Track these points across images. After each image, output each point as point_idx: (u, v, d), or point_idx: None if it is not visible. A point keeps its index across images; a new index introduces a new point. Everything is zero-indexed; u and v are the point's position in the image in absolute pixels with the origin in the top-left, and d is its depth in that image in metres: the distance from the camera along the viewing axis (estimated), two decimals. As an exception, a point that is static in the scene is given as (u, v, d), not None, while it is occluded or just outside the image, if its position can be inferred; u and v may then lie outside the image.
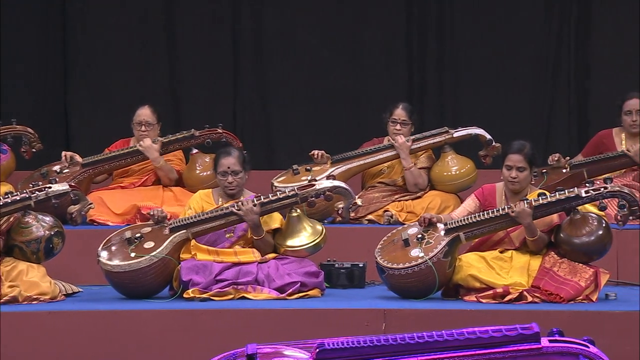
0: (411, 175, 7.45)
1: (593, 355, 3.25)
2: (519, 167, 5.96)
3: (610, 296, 5.93)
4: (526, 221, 5.80)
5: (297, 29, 9.44)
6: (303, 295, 6.00)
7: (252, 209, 5.99)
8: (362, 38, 9.42)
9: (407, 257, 5.89)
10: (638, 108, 7.46)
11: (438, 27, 9.36)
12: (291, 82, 9.47)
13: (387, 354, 3.37)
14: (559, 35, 9.22)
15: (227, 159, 6.17)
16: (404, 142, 7.45)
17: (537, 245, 5.89)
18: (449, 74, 9.38)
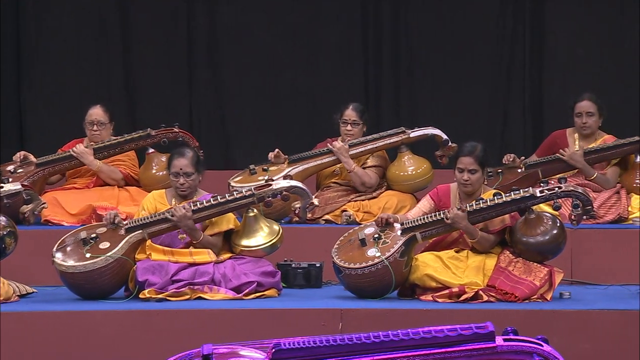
0: (356, 176, 7.47)
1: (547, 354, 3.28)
2: (471, 169, 5.99)
3: (564, 295, 5.98)
4: (462, 225, 5.84)
5: (252, 27, 9.42)
6: (260, 295, 6.00)
7: (185, 215, 5.97)
8: (318, 37, 9.42)
9: (363, 257, 5.91)
10: (588, 110, 7.52)
11: (394, 26, 9.38)
12: (248, 81, 9.44)
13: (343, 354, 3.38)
14: (514, 35, 9.28)
15: (180, 160, 6.14)
16: (341, 146, 7.47)
17: (482, 246, 5.93)
18: (405, 74, 9.41)
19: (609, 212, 7.25)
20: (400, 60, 9.42)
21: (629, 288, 6.32)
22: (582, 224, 6.10)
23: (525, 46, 9.28)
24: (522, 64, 9.28)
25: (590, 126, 7.52)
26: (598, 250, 6.81)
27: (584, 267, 6.73)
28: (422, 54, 9.39)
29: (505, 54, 9.31)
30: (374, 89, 9.43)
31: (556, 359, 3.30)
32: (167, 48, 9.45)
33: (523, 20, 9.27)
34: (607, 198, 7.30)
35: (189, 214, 5.97)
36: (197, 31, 9.45)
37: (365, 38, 9.43)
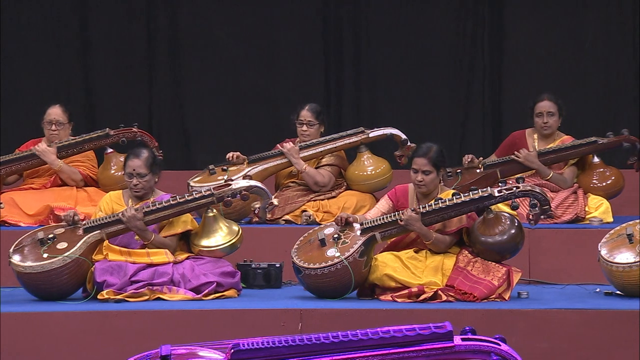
0: (307, 176, 7.47)
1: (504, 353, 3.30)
2: (425, 170, 6.01)
3: (522, 294, 6.02)
4: (415, 226, 5.86)
5: (212, 27, 9.40)
6: (219, 295, 5.98)
7: (134, 216, 5.95)
8: (277, 37, 9.42)
9: (323, 257, 5.91)
10: (549, 110, 7.58)
11: (354, 27, 9.40)
12: (207, 81, 9.42)
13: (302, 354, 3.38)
14: (473, 37, 9.33)
15: (134, 161, 6.12)
16: (291, 147, 7.48)
17: (437, 247, 5.96)
18: (365, 74, 9.43)
19: (567, 212, 7.31)
20: (360, 60, 9.43)
21: (586, 287, 6.37)
22: (539, 224, 6.13)
23: (484, 47, 9.33)
24: (481, 65, 9.34)
25: (550, 126, 7.58)
26: (555, 250, 6.87)
27: (541, 266, 6.78)
28: (381, 55, 9.41)
29: (464, 56, 9.35)
30: (334, 90, 9.44)
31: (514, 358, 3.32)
32: (126, 48, 9.40)
33: (482, 22, 9.32)
34: (564, 198, 7.36)
35: (139, 215, 5.95)
36: (157, 32, 9.41)
37: (326, 39, 9.43)
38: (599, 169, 7.53)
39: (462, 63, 9.36)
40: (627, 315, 5.53)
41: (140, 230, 5.99)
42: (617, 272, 5.90)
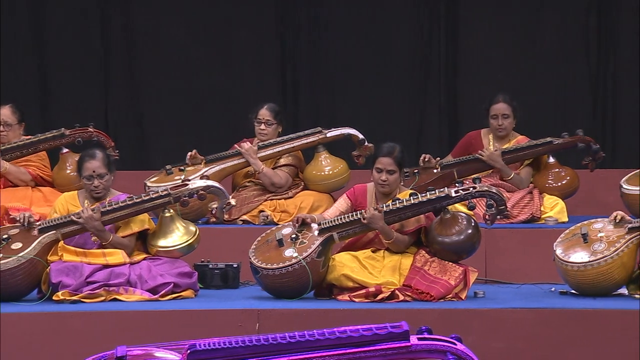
0: (265, 177, 7.47)
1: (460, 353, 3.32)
2: (389, 170, 6.03)
3: (478, 294, 6.05)
4: (378, 225, 5.88)
5: (167, 27, 9.36)
6: (176, 296, 5.96)
7: (92, 216, 5.92)
8: (233, 37, 9.40)
9: (281, 257, 5.91)
10: (504, 112, 7.62)
11: (310, 26, 9.41)
12: (164, 81, 9.38)
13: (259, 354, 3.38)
14: (429, 36, 9.37)
15: (92, 163, 6.08)
16: (249, 147, 7.48)
17: (397, 247, 5.98)
18: (321, 74, 9.44)
19: (522, 212, 7.36)
20: (317, 60, 9.44)
21: (541, 287, 6.42)
22: (496, 224, 6.18)
23: (440, 48, 9.37)
24: (437, 65, 9.38)
25: (505, 128, 7.62)
26: (511, 250, 6.91)
27: (497, 266, 6.82)
28: (339, 55, 9.42)
29: (421, 56, 9.39)
30: (291, 89, 9.44)
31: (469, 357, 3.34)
32: (82, 48, 9.34)
33: (438, 23, 9.36)
34: (520, 198, 7.41)
35: (96, 215, 5.91)
36: (112, 31, 9.36)
37: (283, 39, 9.43)
38: (554, 169, 7.59)
39: (418, 63, 9.39)
40: (581, 314, 5.59)
41: (98, 230, 5.95)
42: (572, 271, 5.95)
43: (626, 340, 5.48)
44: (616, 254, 5.89)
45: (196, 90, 9.40)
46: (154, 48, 9.39)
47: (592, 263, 5.90)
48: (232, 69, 9.41)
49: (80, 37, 9.35)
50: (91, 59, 9.35)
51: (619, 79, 9.24)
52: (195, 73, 9.40)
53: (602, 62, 9.24)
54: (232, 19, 9.41)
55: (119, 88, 9.40)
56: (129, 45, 9.38)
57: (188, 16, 9.39)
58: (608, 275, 5.91)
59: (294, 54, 9.44)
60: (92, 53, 9.35)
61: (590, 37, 9.24)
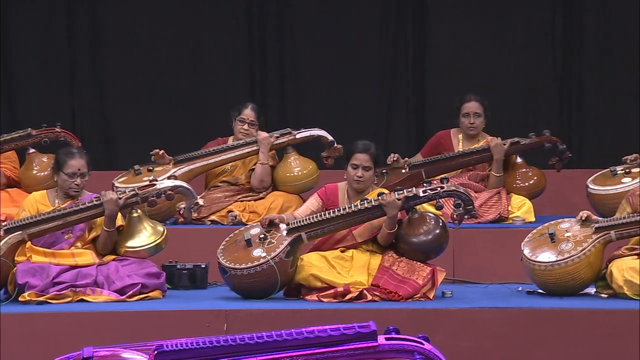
0: (262, 170, 7.45)
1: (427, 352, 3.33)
2: (365, 166, 6.05)
3: (446, 294, 6.07)
4: (393, 213, 5.86)
5: (134, 27, 9.32)
6: (144, 296, 5.94)
7: (115, 201, 5.93)
8: (201, 37, 9.38)
9: (249, 257, 5.90)
10: (475, 111, 7.66)
11: (278, 27, 9.41)
12: (131, 80, 9.35)
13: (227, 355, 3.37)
14: (397, 38, 9.39)
15: (78, 161, 6.07)
16: (267, 137, 7.47)
17: (390, 239, 5.96)
18: (290, 75, 9.44)
19: (490, 212, 7.40)
20: (285, 61, 9.44)
21: (509, 286, 6.45)
22: (463, 224, 6.20)
23: (408, 48, 9.39)
24: (405, 66, 9.40)
25: (477, 126, 7.66)
26: (479, 249, 6.94)
27: (465, 265, 6.84)
28: (307, 56, 9.42)
29: (389, 56, 9.41)
30: (259, 90, 9.43)
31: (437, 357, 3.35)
32: (47, 47, 9.28)
33: (405, 23, 9.39)
34: (488, 198, 7.45)
35: (120, 202, 5.92)
36: (78, 30, 9.31)
37: (251, 39, 9.42)
38: (522, 169, 7.63)
39: (386, 63, 9.41)
40: (548, 313, 5.62)
41: (112, 217, 5.94)
42: (539, 271, 5.99)
43: (593, 339, 5.52)
44: (583, 253, 5.93)
45: (164, 91, 9.36)
46: (121, 48, 9.35)
47: (560, 263, 5.94)
48: (200, 70, 9.39)
49: (46, 36, 9.29)
50: (58, 59, 9.30)
51: (585, 79, 9.31)
52: (163, 73, 9.36)
53: (568, 63, 9.30)
54: (200, 19, 9.39)
55: (86, 88, 9.35)
56: (96, 45, 9.34)
57: (156, 16, 9.36)
58: (575, 275, 5.95)
59: (262, 55, 9.42)
60: (58, 52, 9.30)
61: (556, 37, 9.29)
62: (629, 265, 5.92)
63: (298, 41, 9.42)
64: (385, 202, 5.85)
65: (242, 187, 7.56)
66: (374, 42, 9.40)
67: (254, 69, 9.44)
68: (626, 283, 5.89)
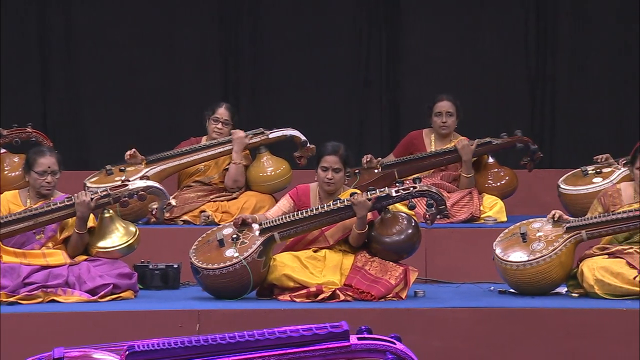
0: (236, 170, 7.44)
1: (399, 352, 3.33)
2: (335, 168, 6.05)
3: (419, 293, 6.09)
4: (363, 213, 5.88)
5: (106, 26, 9.29)
6: (116, 297, 5.92)
7: (87, 203, 5.89)
8: (174, 37, 9.36)
9: (221, 257, 5.89)
10: (448, 110, 7.68)
11: (251, 27, 9.40)
12: (103, 80, 9.31)
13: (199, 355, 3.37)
14: (370, 38, 9.41)
15: (48, 159, 6.05)
16: (242, 136, 7.45)
17: (361, 240, 5.98)
18: (263, 75, 9.44)
19: (462, 212, 7.42)
20: (258, 61, 9.43)
21: (481, 286, 6.47)
22: (436, 224, 6.21)
23: (381, 48, 9.41)
24: (378, 66, 9.42)
25: (449, 126, 7.68)
26: (451, 249, 6.96)
27: (437, 265, 6.86)
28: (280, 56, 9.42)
29: (362, 56, 9.42)
30: (232, 90, 9.42)
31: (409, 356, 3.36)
32: (19, 47, 9.23)
33: (378, 23, 9.41)
34: (460, 198, 7.47)
35: (92, 204, 5.87)
36: (50, 30, 9.27)
37: (224, 39, 9.41)
38: (494, 169, 7.66)
39: (359, 64, 9.43)
40: (520, 313, 5.64)
41: (83, 219, 5.92)
42: (511, 270, 6.01)
43: (564, 338, 5.55)
44: (554, 253, 5.96)
45: (137, 90, 9.34)
46: (93, 47, 9.31)
47: (531, 262, 5.97)
48: (173, 70, 9.36)
49: (18, 35, 9.24)
50: (29, 58, 9.24)
51: (557, 80, 9.36)
52: (135, 73, 9.33)
53: (541, 63, 9.35)
54: (173, 19, 9.36)
55: (58, 87, 9.31)
56: (68, 44, 9.30)
57: (128, 15, 9.33)
58: (546, 275, 5.98)
59: (235, 55, 9.41)
60: (30, 52, 9.25)
61: (529, 38, 9.34)
62: (600, 265, 5.96)
63: (271, 41, 9.41)
64: (355, 203, 5.86)
65: (215, 187, 7.55)
66: (348, 42, 9.41)
67: (227, 69, 9.42)
68: (597, 282, 5.93)
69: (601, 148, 7.85)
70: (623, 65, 9.29)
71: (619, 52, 9.30)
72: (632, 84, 9.27)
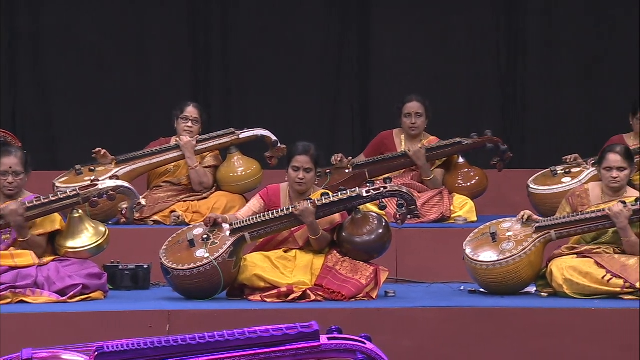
0: (196, 174, 7.45)
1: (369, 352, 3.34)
2: (306, 168, 6.05)
3: (389, 293, 6.09)
4: (309, 220, 5.89)
5: (76, 25, 9.24)
6: (85, 297, 5.89)
7: (15, 210, 5.83)
8: (144, 36, 9.32)
9: (192, 257, 5.88)
10: (417, 111, 7.70)
11: (222, 26, 9.38)
12: (73, 80, 9.26)
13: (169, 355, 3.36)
14: (341, 37, 9.42)
15: (9, 158, 5.99)
16: (188, 141, 7.44)
17: (320, 244, 6.00)
18: (234, 75, 9.42)
19: (432, 212, 7.44)
20: (229, 61, 9.42)
21: (451, 285, 6.49)
22: (406, 223, 6.23)
23: (352, 49, 9.42)
24: (350, 66, 9.43)
25: (418, 127, 7.70)
26: (422, 249, 6.98)
27: (408, 265, 6.88)
28: (251, 56, 9.41)
29: (333, 57, 9.43)
30: (202, 90, 9.40)
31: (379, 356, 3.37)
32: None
33: (349, 24, 9.41)
34: (430, 197, 7.49)
35: (20, 210, 5.82)
36: (19, 30, 9.21)
37: (194, 39, 9.38)
38: (464, 169, 7.69)
39: (330, 63, 9.43)
40: (490, 312, 5.66)
41: (19, 226, 5.85)
42: (481, 270, 6.04)
43: (533, 337, 5.57)
44: (524, 253, 5.99)
45: (107, 90, 9.29)
46: (63, 48, 9.26)
47: (501, 262, 5.99)
48: (143, 70, 9.33)
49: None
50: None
51: (527, 79, 9.41)
52: (105, 72, 9.29)
53: (511, 63, 9.39)
54: (143, 19, 9.33)
55: (27, 88, 9.25)
56: (37, 44, 9.24)
57: (98, 15, 9.28)
58: (516, 274, 6.01)
59: (206, 55, 9.39)
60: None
61: (499, 38, 9.38)
62: (569, 265, 6.00)
63: (242, 41, 9.40)
64: (298, 212, 5.86)
65: (185, 187, 7.53)
66: (319, 43, 9.42)
67: (198, 69, 9.40)
68: (566, 282, 5.96)
69: (570, 148, 7.90)
70: (592, 67, 9.35)
71: (588, 53, 9.36)
72: (602, 85, 9.33)
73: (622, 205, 5.93)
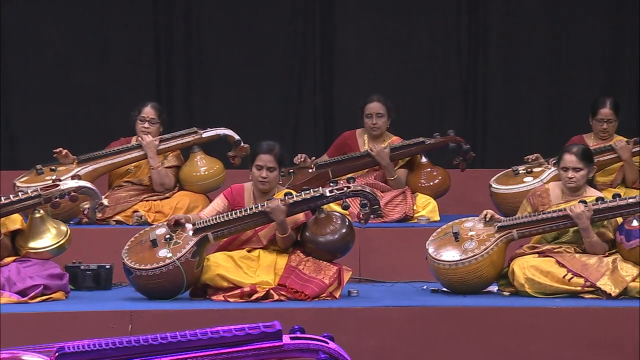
0: (158, 175, 7.42)
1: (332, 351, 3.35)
2: (270, 167, 6.05)
3: (352, 293, 6.10)
4: (280, 218, 5.88)
5: (37, 24, 9.16)
6: (46, 298, 5.85)
7: None
8: (107, 35, 9.27)
9: (154, 257, 5.86)
10: (378, 111, 7.72)
11: (185, 25, 9.34)
12: (33, 79, 9.19)
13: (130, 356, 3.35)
14: (304, 36, 9.42)
15: None
16: (151, 141, 7.41)
17: (286, 243, 6.00)
18: (197, 74, 9.39)
19: (395, 211, 7.46)
20: (192, 60, 9.38)
21: (414, 285, 6.51)
22: (369, 223, 6.24)
23: (315, 47, 9.42)
24: (313, 65, 9.43)
25: (379, 127, 7.72)
26: (385, 249, 7.00)
27: (371, 265, 6.89)
28: (214, 55, 9.39)
29: (296, 56, 9.42)
30: (165, 89, 9.36)
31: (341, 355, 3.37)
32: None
33: (313, 23, 9.42)
34: (393, 197, 7.51)
35: None
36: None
37: (157, 37, 9.34)
38: (427, 169, 7.72)
39: (293, 63, 9.43)
40: (452, 311, 5.70)
41: None
42: (444, 269, 6.06)
43: (496, 336, 5.61)
44: (486, 252, 6.02)
45: (68, 89, 9.23)
46: (23, 46, 9.18)
47: (463, 261, 6.02)
48: (105, 68, 9.27)
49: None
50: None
51: (488, 79, 9.45)
52: (66, 71, 9.23)
53: (473, 63, 9.43)
54: (105, 17, 9.27)
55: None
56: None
57: (58, 13, 9.21)
58: (478, 273, 6.04)
59: (168, 54, 9.35)
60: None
61: (461, 37, 9.42)
62: (530, 264, 6.04)
63: (205, 39, 9.37)
64: (269, 210, 5.86)
65: (146, 187, 7.50)
66: (282, 42, 9.41)
67: (160, 68, 9.36)
68: (527, 281, 6.00)
69: (532, 148, 7.95)
70: (554, 66, 9.42)
71: (549, 52, 9.42)
72: (563, 84, 9.40)
73: (583, 206, 5.98)
